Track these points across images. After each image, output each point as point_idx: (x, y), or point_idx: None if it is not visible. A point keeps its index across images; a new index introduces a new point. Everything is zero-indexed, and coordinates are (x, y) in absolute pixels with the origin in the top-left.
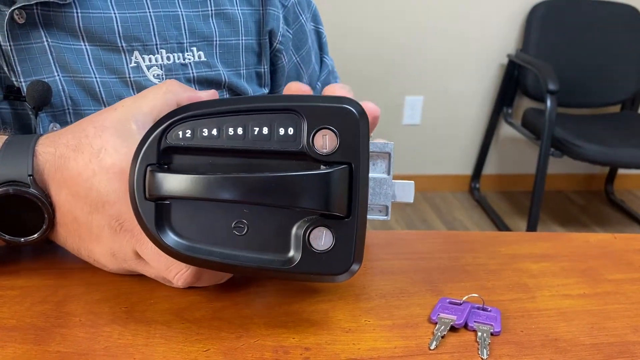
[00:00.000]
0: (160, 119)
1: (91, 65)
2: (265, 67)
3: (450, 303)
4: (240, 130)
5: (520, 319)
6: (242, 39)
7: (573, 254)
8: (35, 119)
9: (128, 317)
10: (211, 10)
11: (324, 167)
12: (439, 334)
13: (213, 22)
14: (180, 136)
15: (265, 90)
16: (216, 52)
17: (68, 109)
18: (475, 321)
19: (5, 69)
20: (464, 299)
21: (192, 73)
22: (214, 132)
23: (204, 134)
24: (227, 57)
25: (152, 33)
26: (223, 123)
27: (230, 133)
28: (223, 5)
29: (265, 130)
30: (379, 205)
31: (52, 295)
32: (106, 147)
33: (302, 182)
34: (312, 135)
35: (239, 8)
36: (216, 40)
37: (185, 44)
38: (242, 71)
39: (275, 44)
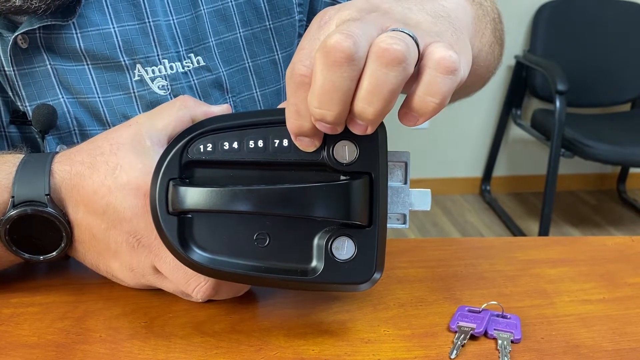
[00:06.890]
0: (180, 134)
1: (94, 85)
2: (280, 53)
3: (469, 311)
4: (260, 143)
5: (540, 325)
6: (240, 32)
7: (591, 258)
8: (43, 143)
9: (147, 331)
10: (204, 9)
11: (344, 178)
12: (459, 342)
13: (207, 22)
14: (202, 150)
15: (283, 81)
16: (215, 53)
17: (74, 130)
18: (495, 329)
19: (10, 94)
20: (483, 306)
21: (193, 80)
22: (235, 145)
23: (225, 147)
24: (227, 55)
25: (153, 44)
26: (244, 136)
27: (251, 146)
28: (214, 3)
29: (285, 142)
30: (397, 213)
31: (71, 311)
32: (122, 164)
33: (324, 192)
34: (332, 146)
35: (232, 1)
36: (212, 41)
37: (181, 52)
38: (247, 65)
39: (294, 15)
